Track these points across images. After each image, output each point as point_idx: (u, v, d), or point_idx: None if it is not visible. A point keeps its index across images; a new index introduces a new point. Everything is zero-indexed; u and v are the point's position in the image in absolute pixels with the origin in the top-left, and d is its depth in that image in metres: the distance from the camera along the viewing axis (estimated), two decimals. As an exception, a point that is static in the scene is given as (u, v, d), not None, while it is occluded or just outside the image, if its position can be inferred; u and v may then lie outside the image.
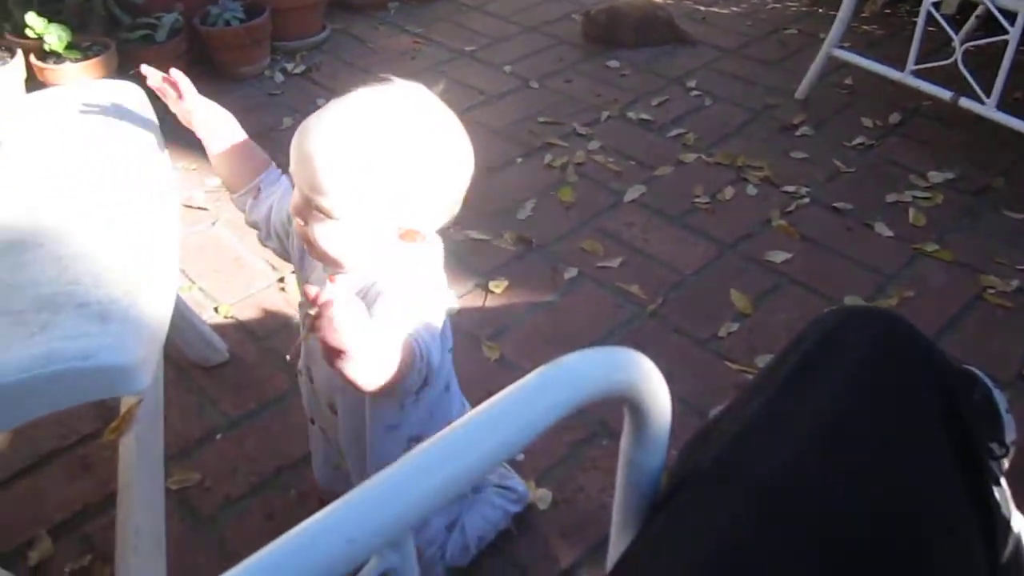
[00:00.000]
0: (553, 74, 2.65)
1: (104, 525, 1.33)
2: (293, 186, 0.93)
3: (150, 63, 1.11)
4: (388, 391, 0.87)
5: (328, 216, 0.90)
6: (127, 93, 1.27)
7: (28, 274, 0.92)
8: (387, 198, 0.90)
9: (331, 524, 0.43)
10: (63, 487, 1.41)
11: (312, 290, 0.73)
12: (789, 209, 2.01)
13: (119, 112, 1.22)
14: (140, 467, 1.25)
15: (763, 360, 1.58)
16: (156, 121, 1.24)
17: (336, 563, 0.43)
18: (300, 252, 1.06)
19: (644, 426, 0.59)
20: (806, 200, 2.04)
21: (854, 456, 0.57)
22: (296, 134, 0.90)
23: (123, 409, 1.37)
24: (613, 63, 2.70)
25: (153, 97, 1.15)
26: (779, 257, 1.86)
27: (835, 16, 2.35)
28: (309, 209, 0.91)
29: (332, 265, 0.97)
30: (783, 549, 0.54)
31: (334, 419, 1.12)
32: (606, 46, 2.79)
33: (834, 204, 2.02)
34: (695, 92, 2.54)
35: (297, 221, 0.94)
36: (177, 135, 1.23)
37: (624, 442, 0.63)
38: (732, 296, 1.75)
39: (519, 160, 2.22)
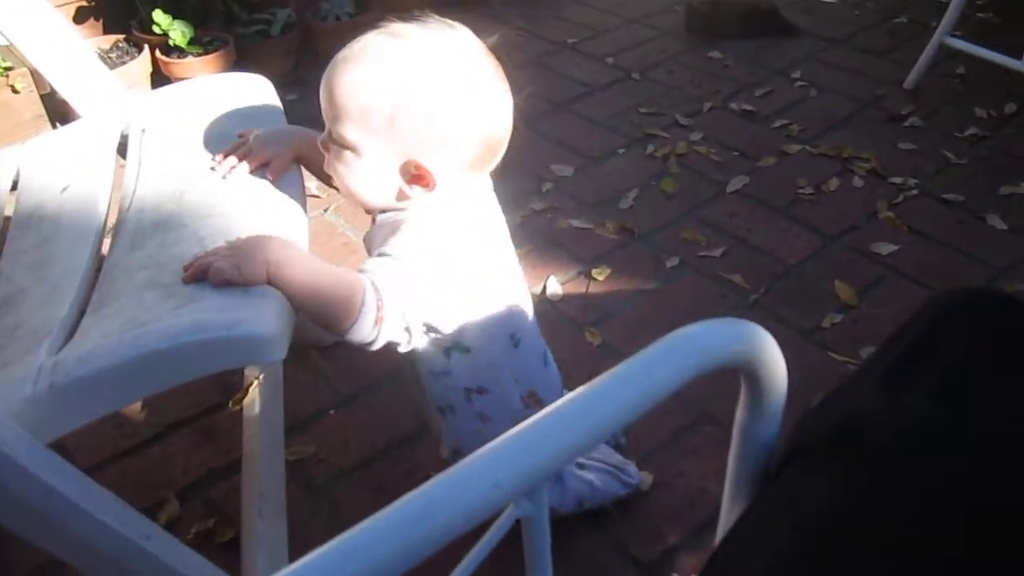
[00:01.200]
0: (655, 66, 2.66)
1: (227, 490, 1.41)
2: None
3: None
4: (332, 325, 0.93)
5: (341, 146, 0.97)
6: (256, 85, 1.35)
7: (175, 252, 0.99)
8: (392, 129, 0.94)
9: (478, 469, 0.47)
10: (189, 454, 1.50)
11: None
12: (896, 201, 1.98)
13: (250, 102, 1.30)
14: (263, 436, 1.33)
15: (868, 352, 1.57)
16: (282, 111, 1.31)
17: (481, 506, 0.47)
18: None
19: (761, 396, 0.61)
20: (914, 192, 2.01)
21: (983, 419, 0.58)
22: None
23: (247, 382, 1.46)
24: (715, 54, 2.70)
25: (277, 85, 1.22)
26: (885, 249, 1.84)
27: (947, 4, 2.29)
28: (330, 140, 0.99)
29: (350, 199, 1.04)
30: (895, 520, 0.55)
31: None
32: (708, 38, 2.78)
33: (944, 196, 1.98)
34: (800, 83, 2.51)
35: (325, 155, 1.01)
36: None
37: (740, 414, 0.65)
38: (836, 287, 1.74)
39: (621, 151, 2.24)
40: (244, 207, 1.08)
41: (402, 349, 1.03)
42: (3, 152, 1.31)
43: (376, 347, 0.97)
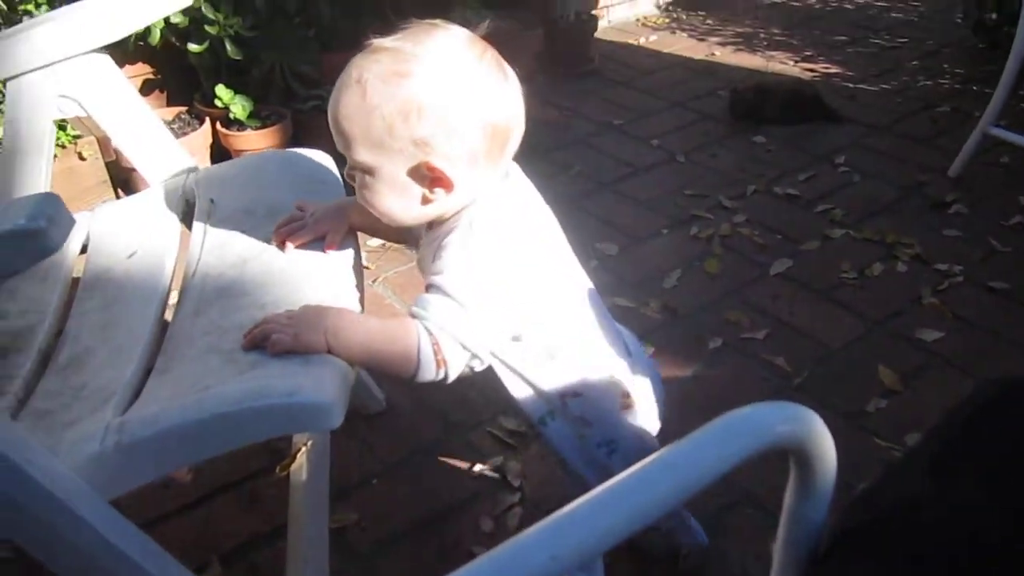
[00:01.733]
0: (699, 148, 2.71)
1: (270, 556, 1.43)
2: None
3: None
4: (397, 376, 0.96)
5: (361, 170, 0.99)
6: (317, 159, 1.41)
7: (236, 319, 1.03)
8: (392, 137, 0.95)
9: (537, 541, 0.49)
10: (234, 518, 1.52)
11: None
12: (941, 287, 1.98)
13: (311, 176, 1.35)
14: (308, 503, 1.35)
15: (913, 438, 1.57)
16: (342, 183, 1.36)
17: (538, 576, 0.48)
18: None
19: (810, 479, 0.62)
20: (959, 279, 2.01)
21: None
22: None
23: (295, 448, 1.49)
24: (759, 139, 2.74)
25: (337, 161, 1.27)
26: (930, 336, 1.83)
27: (990, 94, 2.32)
28: (351, 169, 1.01)
29: (384, 220, 1.05)
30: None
31: None
32: (753, 122, 2.83)
33: (990, 284, 1.98)
34: (843, 168, 2.54)
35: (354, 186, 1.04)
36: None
37: (788, 496, 0.66)
38: (880, 373, 1.74)
39: (665, 231, 2.27)
40: (303, 277, 1.12)
41: (479, 369, 1.03)
42: (74, 217, 1.37)
43: (452, 380, 0.99)
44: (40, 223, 0.65)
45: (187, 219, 1.35)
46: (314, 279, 1.12)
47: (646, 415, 1.18)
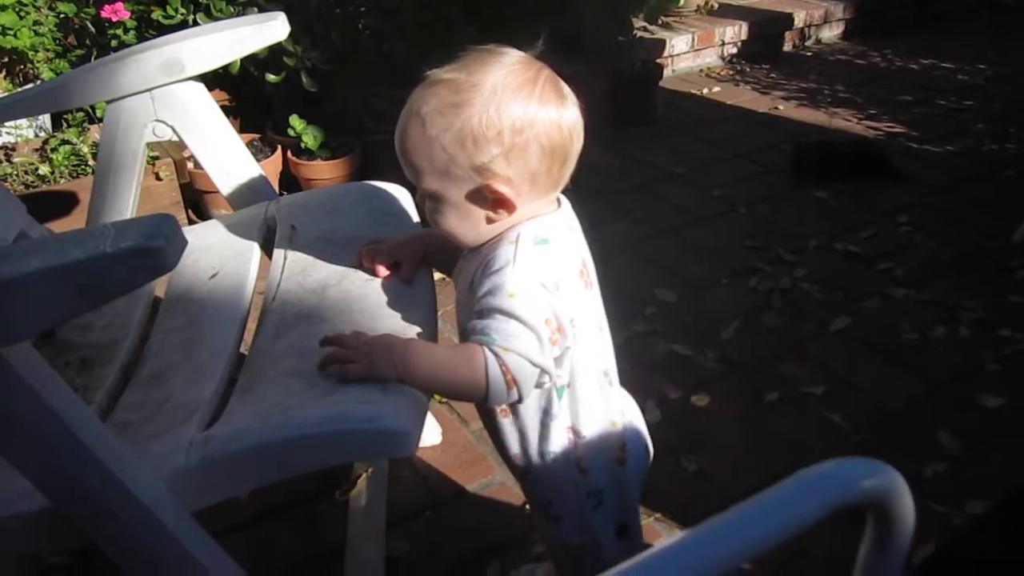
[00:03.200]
0: (761, 201, 2.72)
1: (323, 579, 1.45)
2: None
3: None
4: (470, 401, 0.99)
5: (430, 195, 1.02)
6: (393, 191, 1.45)
7: (316, 343, 1.06)
8: (455, 164, 0.98)
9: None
10: (289, 539, 1.54)
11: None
12: (1004, 353, 1.96)
13: (388, 207, 1.39)
14: (367, 529, 1.37)
15: (972, 506, 1.54)
16: (417, 219, 1.40)
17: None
18: None
19: (889, 537, 0.63)
20: (1022, 346, 1.99)
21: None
22: None
23: (355, 474, 1.51)
24: (821, 194, 2.74)
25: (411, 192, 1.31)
26: (993, 402, 1.81)
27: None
28: (420, 196, 1.05)
29: (454, 242, 1.07)
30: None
31: None
32: (815, 177, 2.83)
33: (1054, 353, 1.96)
34: (905, 227, 2.53)
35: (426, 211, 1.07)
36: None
37: (864, 553, 0.67)
38: (940, 436, 1.72)
39: (724, 281, 2.28)
40: (380, 306, 1.15)
41: (548, 384, 1.04)
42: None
43: (527, 398, 1.00)
44: (159, 242, 0.68)
45: (267, 245, 1.39)
46: (391, 308, 1.15)
47: (635, 471, 1.17)
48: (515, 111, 0.97)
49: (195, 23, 2.54)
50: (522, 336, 0.95)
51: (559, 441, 1.09)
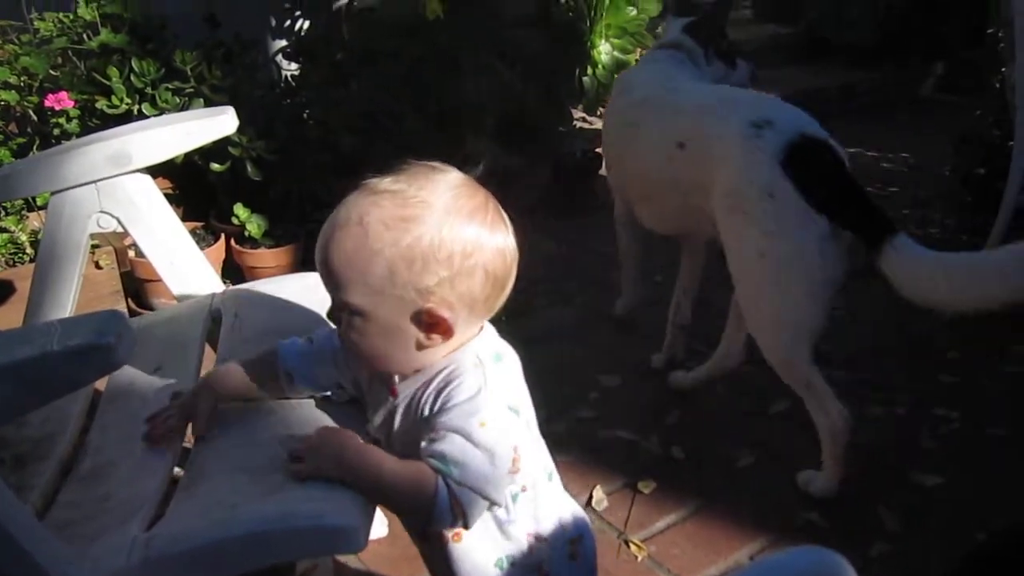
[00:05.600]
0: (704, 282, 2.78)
1: None
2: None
3: None
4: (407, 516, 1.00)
5: (350, 310, 0.96)
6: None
7: (262, 438, 1.05)
8: (393, 283, 0.93)
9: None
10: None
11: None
12: (940, 432, 2.01)
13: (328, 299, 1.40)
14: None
15: (917, 585, 1.56)
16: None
17: None
18: (360, 383, 1.11)
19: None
20: (957, 424, 2.04)
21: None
22: None
23: (300, 570, 1.47)
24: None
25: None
26: (930, 480, 1.85)
27: (980, 244, 2.40)
28: (337, 310, 0.98)
29: (371, 365, 1.02)
30: None
31: None
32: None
33: (988, 429, 2.01)
34: (837, 311, 2.56)
35: (337, 327, 1.01)
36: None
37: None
38: (882, 515, 1.75)
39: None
40: (323, 400, 1.15)
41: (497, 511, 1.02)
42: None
43: (472, 527, 0.97)
44: (109, 339, 0.68)
45: (212, 336, 1.38)
46: (333, 403, 1.15)
47: (587, 568, 1.14)
48: (467, 235, 0.94)
49: (140, 113, 2.55)
50: (483, 469, 0.93)
51: (520, 548, 1.06)
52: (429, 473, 0.93)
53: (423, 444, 0.95)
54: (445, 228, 0.93)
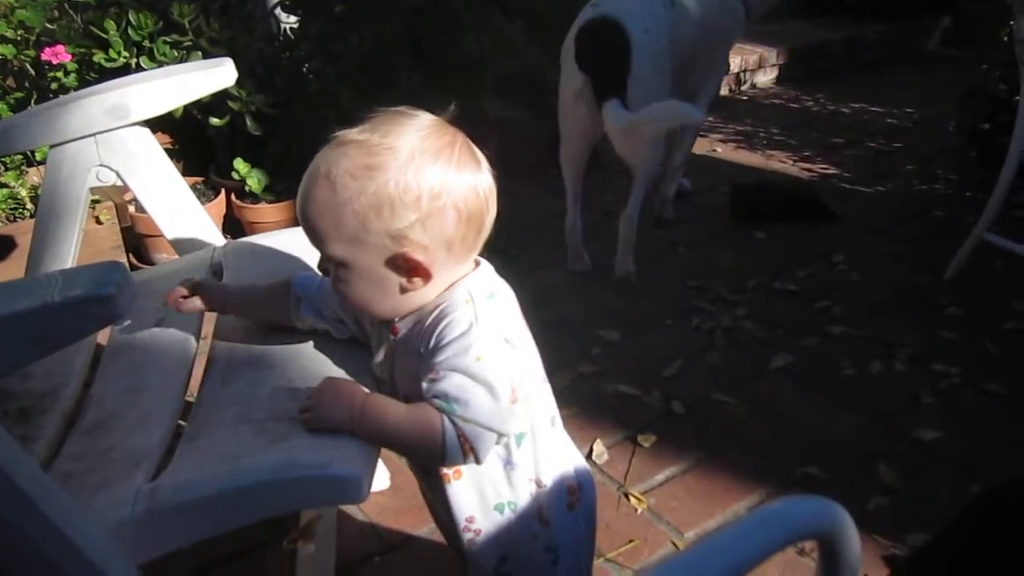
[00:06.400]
0: (701, 241, 2.78)
1: (271, 630, 1.42)
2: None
3: None
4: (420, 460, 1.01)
5: (336, 262, 0.98)
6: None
7: (265, 390, 1.05)
8: (366, 230, 0.93)
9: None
10: (235, 590, 1.51)
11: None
12: (939, 388, 2.02)
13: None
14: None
15: (914, 538, 1.58)
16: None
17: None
18: (362, 321, 1.13)
19: (838, 566, 0.65)
20: (956, 380, 2.05)
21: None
22: None
23: (303, 521, 1.49)
24: (760, 234, 2.81)
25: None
26: (928, 435, 1.86)
27: (984, 200, 2.40)
28: (324, 261, 1.01)
29: (362, 312, 1.05)
30: None
31: None
32: (753, 218, 2.90)
33: (986, 386, 2.02)
34: (841, 267, 2.60)
35: (328, 278, 1.04)
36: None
37: (815, 584, 0.69)
38: (880, 470, 1.76)
39: (668, 322, 2.32)
40: (326, 351, 1.15)
41: (507, 442, 1.03)
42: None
43: (484, 462, 0.98)
44: (110, 290, 0.67)
45: (213, 289, 1.38)
46: (335, 354, 1.15)
47: (585, 516, 1.14)
48: (433, 176, 0.94)
49: (138, 66, 2.52)
50: (485, 403, 0.94)
51: (523, 492, 1.06)
52: (434, 414, 0.94)
53: (424, 385, 0.95)
54: (410, 171, 0.93)
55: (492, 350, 0.95)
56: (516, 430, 1.02)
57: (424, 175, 0.93)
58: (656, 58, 2.33)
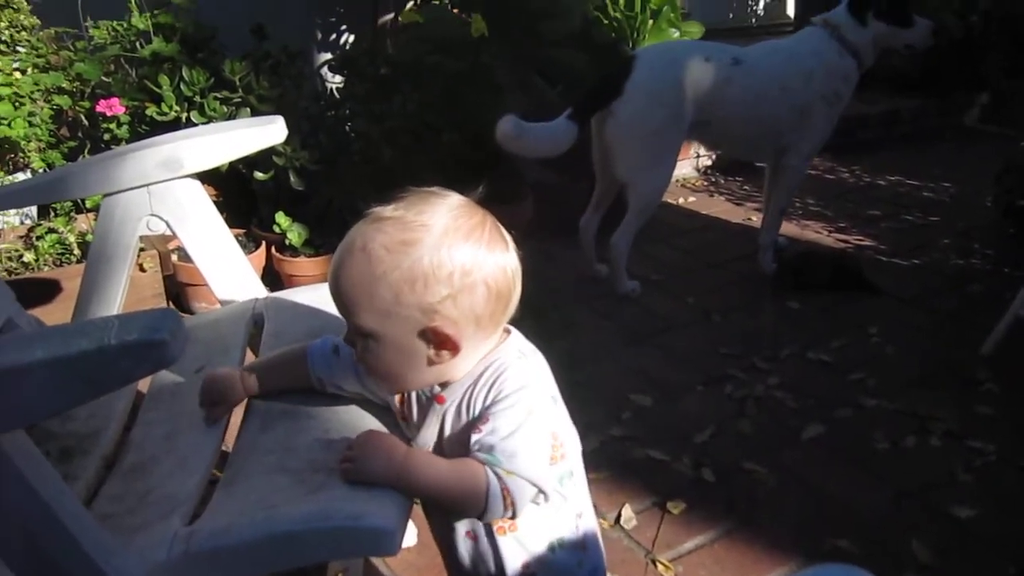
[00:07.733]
0: (734, 308, 2.78)
1: None
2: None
3: None
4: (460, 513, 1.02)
5: (365, 333, 1.00)
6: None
7: (302, 440, 1.07)
8: (399, 304, 0.96)
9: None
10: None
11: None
12: (975, 464, 1.99)
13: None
14: (340, 631, 1.35)
15: (947, 618, 1.55)
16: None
17: None
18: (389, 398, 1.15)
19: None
20: (993, 458, 2.02)
21: None
22: None
23: (332, 572, 1.49)
24: (794, 304, 2.80)
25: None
26: (964, 513, 1.83)
27: (1021, 277, 2.38)
28: (351, 335, 1.03)
29: (388, 385, 1.08)
30: None
31: None
32: (789, 287, 2.89)
33: (1023, 464, 1.99)
34: (876, 339, 2.59)
35: (354, 352, 1.05)
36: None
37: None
38: (913, 546, 1.73)
39: (700, 388, 2.31)
40: (364, 403, 1.17)
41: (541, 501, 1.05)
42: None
43: (520, 515, 1.01)
44: (163, 335, 0.70)
45: (253, 340, 1.41)
46: (373, 406, 1.17)
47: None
48: (465, 254, 0.97)
49: (188, 121, 2.60)
50: (530, 459, 0.98)
51: (569, 528, 1.10)
52: (477, 467, 0.97)
53: (473, 437, 0.99)
54: (444, 248, 0.97)
55: (543, 407, 1.00)
56: (560, 474, 1.06)
57: (457, 252, 0.97)
58: (656, 96, 2.64)
